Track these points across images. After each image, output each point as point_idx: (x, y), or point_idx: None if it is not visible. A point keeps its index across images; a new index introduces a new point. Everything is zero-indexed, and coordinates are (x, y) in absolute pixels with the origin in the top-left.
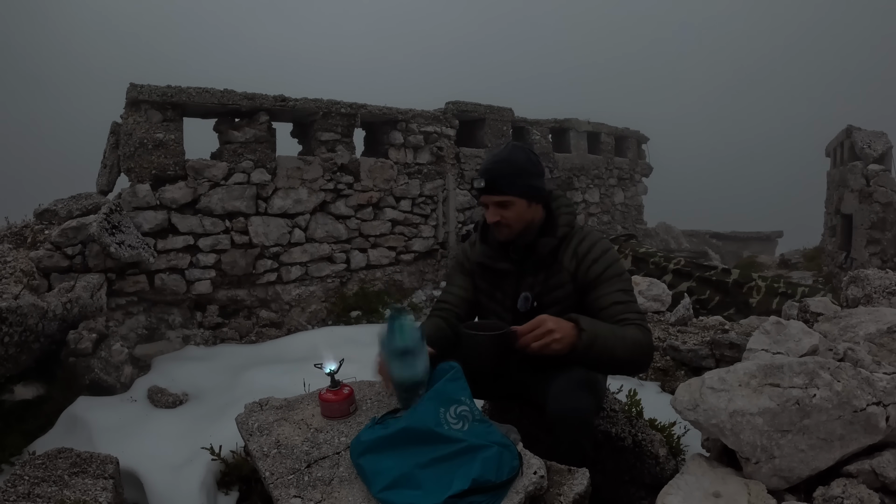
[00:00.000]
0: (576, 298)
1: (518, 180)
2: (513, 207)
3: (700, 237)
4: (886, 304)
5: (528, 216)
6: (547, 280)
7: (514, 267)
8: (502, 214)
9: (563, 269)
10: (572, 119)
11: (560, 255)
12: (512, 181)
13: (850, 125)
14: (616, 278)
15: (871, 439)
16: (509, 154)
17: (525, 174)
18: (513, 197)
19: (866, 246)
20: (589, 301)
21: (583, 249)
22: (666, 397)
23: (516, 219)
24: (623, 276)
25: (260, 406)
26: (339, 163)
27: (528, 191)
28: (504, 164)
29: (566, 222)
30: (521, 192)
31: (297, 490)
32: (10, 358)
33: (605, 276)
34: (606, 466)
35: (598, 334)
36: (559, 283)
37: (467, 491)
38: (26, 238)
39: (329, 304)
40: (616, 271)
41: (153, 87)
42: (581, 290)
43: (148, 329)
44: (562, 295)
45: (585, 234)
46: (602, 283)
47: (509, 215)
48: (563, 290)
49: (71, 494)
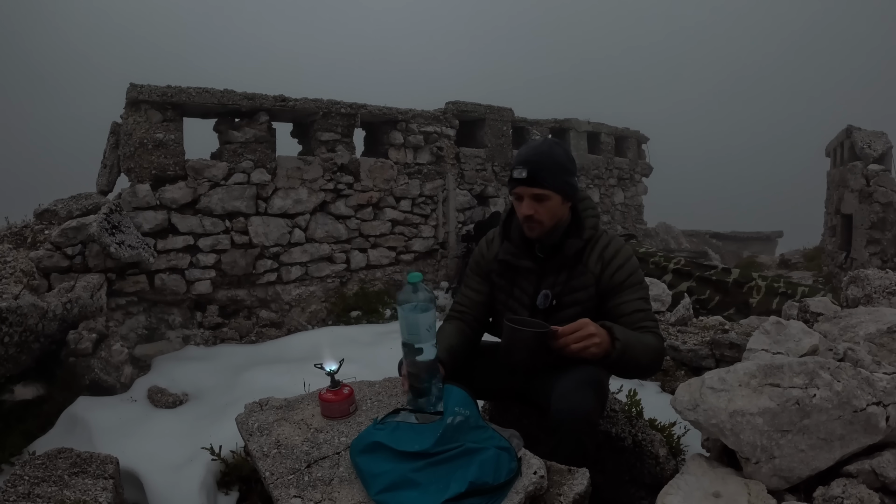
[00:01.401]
0: (596, 301)
1: (558, 175)
2: (548, 202)
3: (700, 237)
4: (886, 304)
5: (560, 213)
6: (569, 280)
7: (535, 265)
8: (536, 209)
9: (587, 271)
10: (572, 119)
11: (585, 257)
12: (552, 175)
13: (850, 125)
14: (638, 286)
15: (871, 439)
16: (550, 148)
17: (564, 171)
18: (551, 191)
19: (866, 246)
20: (610, 305)
21: (609, 254)
22: (666, 397)
23: (549, 215)
24: (643, 284)
25: (260, 406)
26: (339, 163)
27: (565, 188)
28: (546, 157)
29: (592, 225)
30: (559, 187)
31: (297, 490)
32: (10, 358)
33: (629, 282)
34: (606, 466)
35: (629, 344)
36: (583, 285)
37: (465, 493)
38: (26, 238)
39: (329, 304)
40: (638, 279)
41: (153, 87)
42: (603, 293)
43: (148, 329)
44: (584, 297)
45: (611, 238)
46: (625, 290)
47: (543, 210)
48: (585, 293)
49: (71, 494)
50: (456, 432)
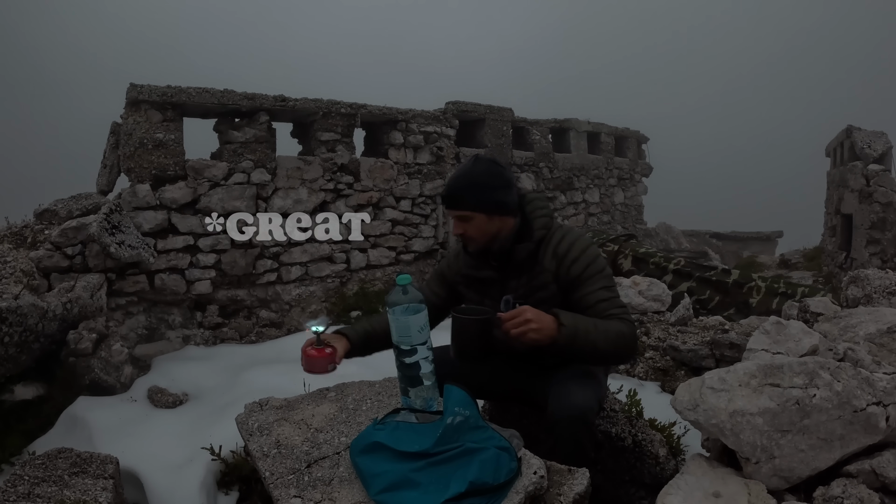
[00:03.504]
0: (560, 298)
1: (476, 195)
2: (472, 221)
3: (700, 237)
4: (886, 304)
5: (490, 229)
6: (530, 282)
7: (497, 274)
8: (464, 227)
9: (544, 269)
10: (572, 119)
11: (540, 256)
12: (470, 196)
13: (850, 125)
14: (597, 275)
15: (871, 439)
16: (470, 169)
17: (485, 188)
18: (470, 212)
19: (866, 246)
20: (574, 299)
21: (562, 249)
22: (666, 397)
23: (478, 232)
24: (604, 272)
25: (260, 406)
26: (339, 163)
27: (488, 205)
28: (462, 179)
29: (542, 225)
30: (479, 206)
31: (297, 490)
32: (10, 358)
33: (587, 274)
34: (606, 466)
35: (578, 329)
36: (542, 284)
37: (465, 493)
38: (26, 238)
39: (329, 304)
40: (596, 268)
41: (153, 87)
42: (564, 289)
43: (148, 329)
44: (546, 295)
45: (564, 233)
46: (585, 282)
47: (470, 228)
48: (546, 291)
49: (71, 494)
50: (456, 432)
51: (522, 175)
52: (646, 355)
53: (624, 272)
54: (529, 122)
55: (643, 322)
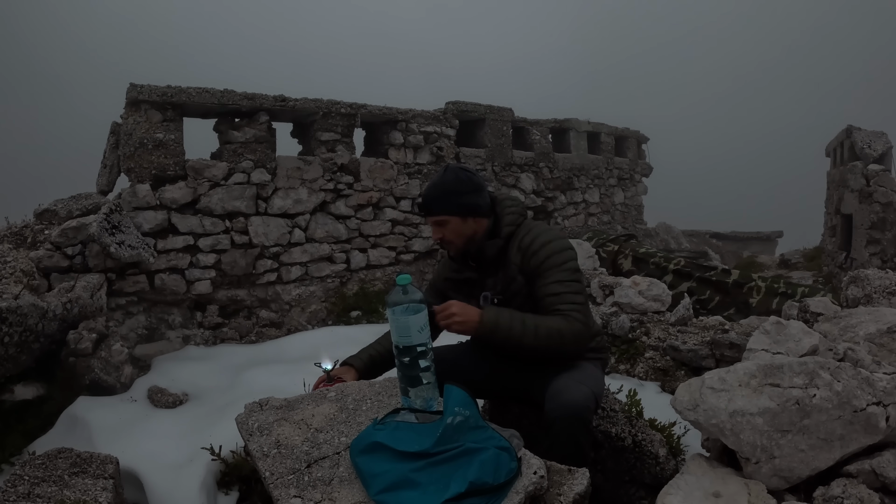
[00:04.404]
0: (530, 289)
1: (448, 200)
2: (448, 225)
3: (700, 237)
4: (886, 304)
5: (466, 231)
6: (504, 278)
7: (476, 274)
8: (442, 232)
9: (511, 263)
10: (572, 119)
11: (509, 252)
12: (444, 201)
13: (850, 125)
14: (554, 269)
15: (871, 439)
16: (441, 178)
17: (455, 193)
18: (445, 216)
19: (866, 246)
20: (534, 292)
21: (525, 242)
22: (666, 397)
23: (455, 234)
24: (563, 266)
25: (260, 406)
26: (339, 163)
27: (460, 208)
28: (437, 187)
29: (510, 221)
30: (452, 210)
31: (297, 490)
32: (10, 358)
33: (544, 267)
34: (606, 466)
35: (500, 324)
36: (511, 278)
37: (465, 493)
38: (26, 238)
39: (329, 304)
40: (554, 262)
41: (153, 87)
42: (529, 281)
43: (148, 329)
44: (517, 288)
45: (531, 227)
46: (541, 275)
47: (448, 232)
48: (516, 284)
49: (71, 494)
50: (456, 432)
51: (522, 175)
52: (646, 355)
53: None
54: (529, 122)
55: (643, 322)
